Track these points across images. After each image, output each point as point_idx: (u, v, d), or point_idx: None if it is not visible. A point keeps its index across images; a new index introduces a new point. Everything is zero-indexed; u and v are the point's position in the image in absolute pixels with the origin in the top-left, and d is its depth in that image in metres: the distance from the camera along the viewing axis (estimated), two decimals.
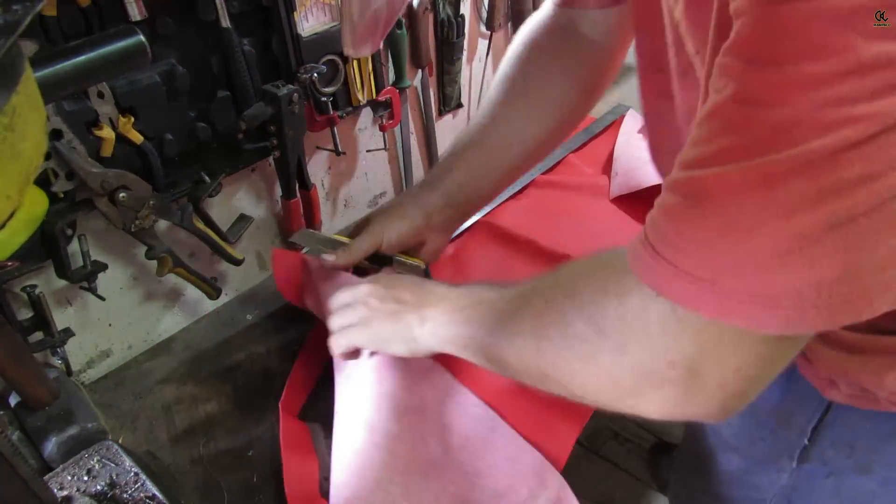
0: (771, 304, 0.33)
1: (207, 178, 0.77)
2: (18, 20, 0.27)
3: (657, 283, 0.37)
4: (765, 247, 0.32)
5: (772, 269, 0.32)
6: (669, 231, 0.36)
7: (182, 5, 0.69)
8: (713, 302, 0.34)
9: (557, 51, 0.72)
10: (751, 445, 0.69)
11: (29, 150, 0.32)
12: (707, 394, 0.39)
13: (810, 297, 0.32)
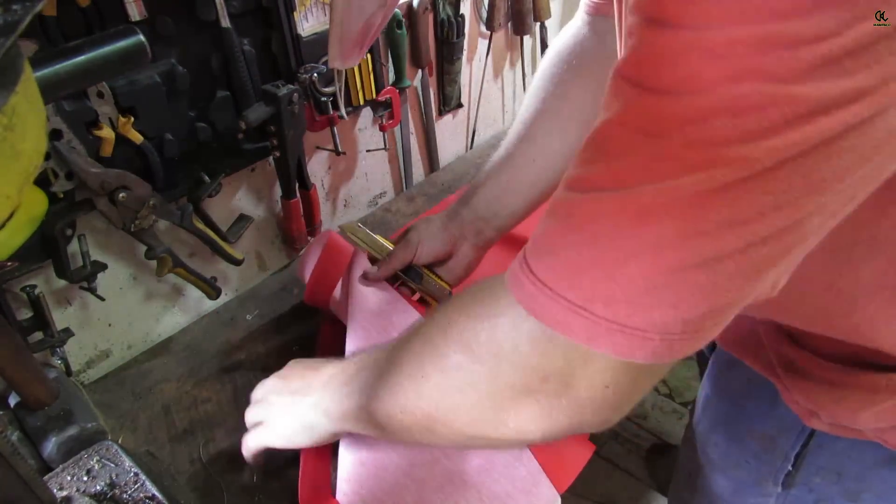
0: (639, 336, 0.32)
1: (207, 178, 0.77)
2: (18, 20, 0.27)
3: (531, 305, 0.36)
4: (635, 279, 0.31)
5: (641, 301, 0.32)
6: (546, 253, 0.35)
7: (182, 5, 0.69)
8: (583, 328, 0.33)
9: (585, 66, 0.71)
10: (737, 468, 0.68)
11: (29, 150, 0.32)
12: (581, 406, 0.39)
13: (676, 330, 0.32)
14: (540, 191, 0.74)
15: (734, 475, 0.69)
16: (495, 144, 1.27)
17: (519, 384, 0.39)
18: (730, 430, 0.67)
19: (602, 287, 0.32)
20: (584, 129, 0.35)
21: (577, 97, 0.71)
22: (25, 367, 0.62)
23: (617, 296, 0.32)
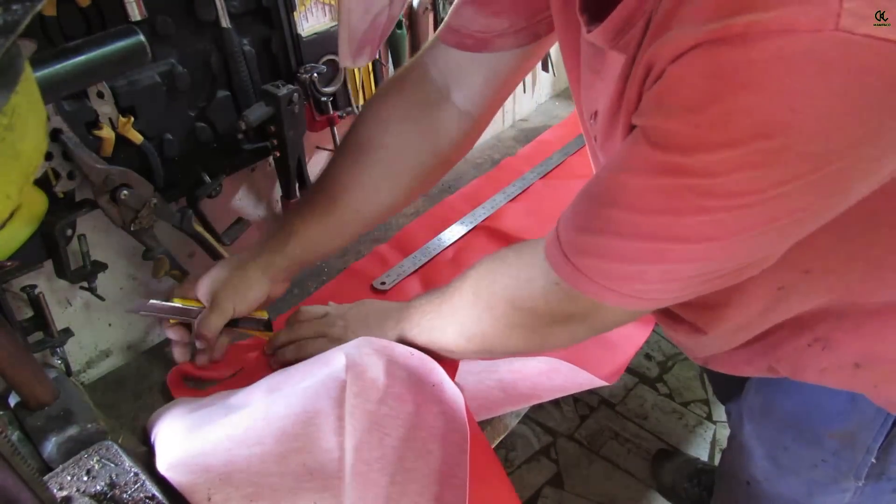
0: (645, 301, 0.49)
1: (207, 179, 0.77)
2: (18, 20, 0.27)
3: (575, 283, 0.50)
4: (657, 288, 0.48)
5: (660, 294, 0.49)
6: (582, 251, 0.49)
7: (182, 5, 0.69)
8: (614, 298, 0.49)
9: (419, 117, 0.71)
10: (812, 469, 0.69)
11: (29, 150, 0.32)
12: (593, 329, 0.57)
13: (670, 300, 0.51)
14: (356, 235, 0.76)
15: (809, 476, 0.70)
16: (495, 145, 1.28)
17: (550, 322, 0.56)
18: (803, 432, 0.68)
19: (627, 286, 0.48)
20: (414, 182, 0.65)
21: (410, 150, 0.73)
22: (25, 367, 0.62)
23: (638, 290, 0.48)
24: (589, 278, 0.49)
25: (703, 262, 0.45)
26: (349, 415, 0.61)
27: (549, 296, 0.54)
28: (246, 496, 0.58)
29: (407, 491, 0.61)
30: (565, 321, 0.55)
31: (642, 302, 0.49)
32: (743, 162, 0.37)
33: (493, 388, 0.70)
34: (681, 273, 0.46)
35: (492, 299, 0.59)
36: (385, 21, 0.59)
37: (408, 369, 0.65)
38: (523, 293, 0.56)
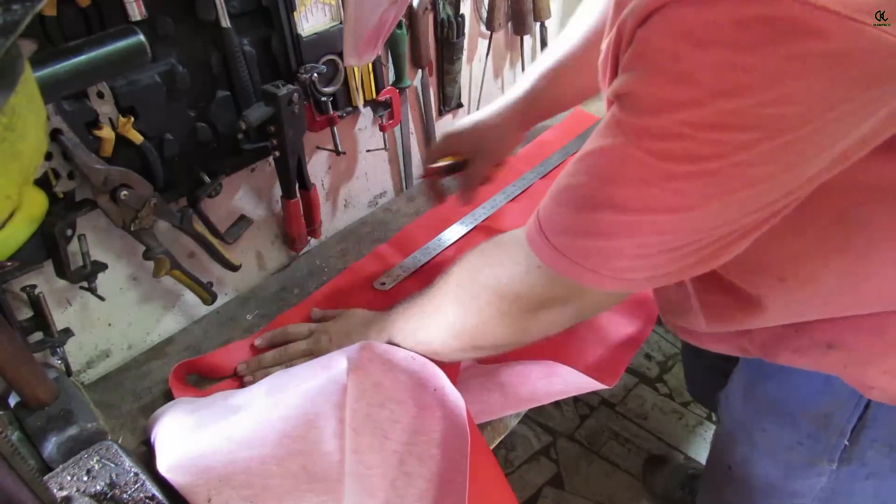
0: (628, 282, 0.49)
1: (207, 179, 0.77)
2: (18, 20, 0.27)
3: (555, 264, 0.51)
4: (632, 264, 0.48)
5: (636, 272, 0.48)
6: (560, 230, 0.50)
7: (182, 5, 0.69)
8: (592, 279, 0.50)
9: None
10: (789, 451, 0.70)
11: (29, 150, 0.32)
12: (576, 313, 0.58)
13: (655, 279, 0.49)
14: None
15: (786, 459, 0.71)
16: None
17: (534, 307, 0.57)
18: (780, 414, 0.70)
19: (604, 265, 0.48)
20: None
21: None
22: (25, 367, 0.62)
23: (616, 268, 0.48)
24: (568, 259, 0.49)
25: (670, 234, 0.45)
26: (350, 418, 0.61)
27: (531, 280, 0.54)
28: (246, 498, 0.58)
29: (407, 495, 0.61)
30: (549, 306, 0.56)
31: (620, 282, 0.49)
32: (706, 122, 0.38)
33: (495, 393, 0.70)
34: (651, 248, 0.46)
35: (476, 289, 0.59)
36: (392, 18, 0.59)
37: (409, 373, 0.65)
38: (506, 280, 0.56)
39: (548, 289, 0.54)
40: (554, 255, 0.50)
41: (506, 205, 1.08)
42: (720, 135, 0.38)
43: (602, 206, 0.46)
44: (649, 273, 0.49)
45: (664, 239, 0.45)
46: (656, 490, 1.45)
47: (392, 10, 0.59)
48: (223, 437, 0.60)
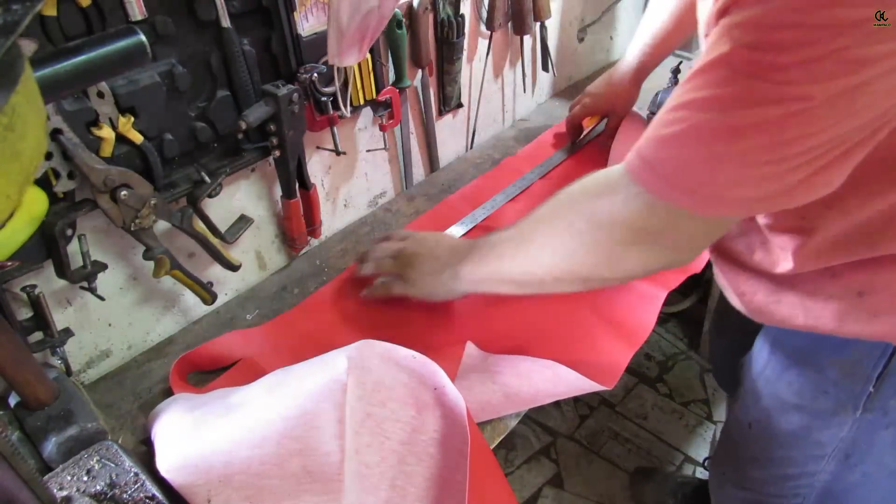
0: (727, 205, 0.50)
1: (207, 179, 0.77)
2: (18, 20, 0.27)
3: (652, 187, 0.52)
4: (728, 173, 0.48)
5: (730, 187, 0.49)
6: (662, 154, 0.51)
7: (182, 5, 0.69)
8: (694, 204, 0.51)
9: None
10: (814, 401, 0.72)
11: (29, 150, 0.32)
12: (668, 250, 0.58)
13: (753, 203, 0.50)
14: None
15: (811, 408, 0.73)
16: (495, 145, 1.28)
17: (628, 239, 0.58)
18: (807, 364, 0.72)
19: (704, 179, 0.49)
20: None
21: None
22: (25, 367, 0.62)
23: (715, 184, 0.49)
24: (666, 180, 0.51)
25: (776, 136, 0.44)
26: (350, 417, 0.61)
27: (628, 209, 0.55)
28: (246, 498, 0.58)
29: (406, 494, 0.61)
30: (641, 241, 0.57)
31: (718, 204, 0.50)
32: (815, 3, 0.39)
33: (496, 393, 0.70)
34: (756, 155, 0.45)
35: (572, 217, 0.61)
36: (375, 21, 0.60)
37: (409, 372, 0.65)
38: (603, 209, 0.58)
39: (644, 218, 0.55)
40: (652, 177, 0.52)
41: (506, 205, 1.08)
42: (831, 11, 0.39)
43: (706, 108, 0.46)
44: (751, 191, 0.48)
45: (770, 143, 0.44)
46: (647, 502, 1.45)
47: (375, 14, 0.59)
48: (223, 436, 0.60)
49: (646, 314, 0.82)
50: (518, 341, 0.80)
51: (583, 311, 0.84)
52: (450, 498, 0.61)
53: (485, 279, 0.75)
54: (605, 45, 1.60)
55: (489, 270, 0.73)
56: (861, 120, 0.43)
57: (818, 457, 0.75)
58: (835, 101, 0.42)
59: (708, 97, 0.46)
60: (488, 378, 0.71)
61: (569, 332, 0.81)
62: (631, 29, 1.66)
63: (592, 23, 1.46)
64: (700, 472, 1.52)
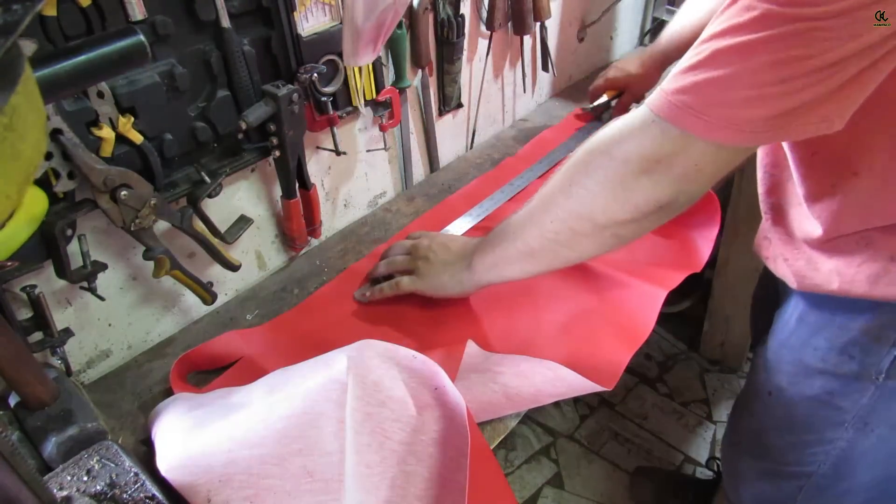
0: (735, 129, 0.52)
1: (207, 179, 0.77)
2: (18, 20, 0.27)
3: (665, 112, 0.55)
4: (738, 94, 0.50)
5: (740, 107, 0.51)
6: (679, 82, 0.53)
7: (182, 5, 0.69)
8: (701, 125, 0.53)
9: None
10: (838, 365, 0.73)
11: (29, 150, 0.32)
12: (678, 179, 0.59)
13: (760, 126, 0.52)
14: None
15: (835, 373, 0.74)
16: (495, 145, 1.28)
17: (640, 167, 0.59)
18: (835, 329, 0.73)
19: (716, 99, 0.52)
20: None
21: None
22: (25, 367, 0.62)
23: (726, 104, 0.51)
24: (680, 105, 0.53)
25: (783, 52, 0.47)
26: (350, 417, 0.61)
27: (642, 135, 0.58)
28: (246, 498, 0.58)
29: (406, 494, 0.61)
30: (652, 168, 0.59)
31: (728, 128, 0.52)
32: None
33: (497, 393, 0.70)
34: (766, 74, 0.49)
35: (587, 156, 0.64)
36: (390, 18, 0.60)
37: (410, 372, 0.65)
38: (619, 138, 0.61)
39: (658, 144, 0.57)
40: (666, 101, 0.54)
41: (505, 203, 1.08)
42: None
43: (721, 35, 0.50)
44: (756, 111, 0.50)
45: (775, 60, 0.48)
46: (647, 502, 1.44)
47: (391, 10, 0.59)
48: (223, 436, 0.60)
49: (646, 314, 0.82)
50: (519, 341, 0.80)
51: (583, 311, 0.84)
52: (450, 498, 0.61)
53: (498, 261, 0.75)
54: (605, 45, 1.60)
55: (502, 249, 0.74)
56: (861, 43, 0.46)
57: (837, 423, 0.76)
58: (835, 22, 0.45)
59: (725, 28, 0.50)
60: (489, 378, 0.71)
61: (569, 332, 0.81)
62: (631, 29, 1.66)
63: (592, 23, 1.46)
64: (700, 472, 1.52)
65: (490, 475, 0.63)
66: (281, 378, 0.67)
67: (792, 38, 0.47)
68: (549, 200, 0.68)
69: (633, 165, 0.60)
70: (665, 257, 0.92)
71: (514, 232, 0.72)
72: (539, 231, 0.69)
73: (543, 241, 0.69)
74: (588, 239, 0.67)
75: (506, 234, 0.74)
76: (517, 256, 0.73)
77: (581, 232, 0.66)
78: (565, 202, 0.66)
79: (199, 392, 0.74)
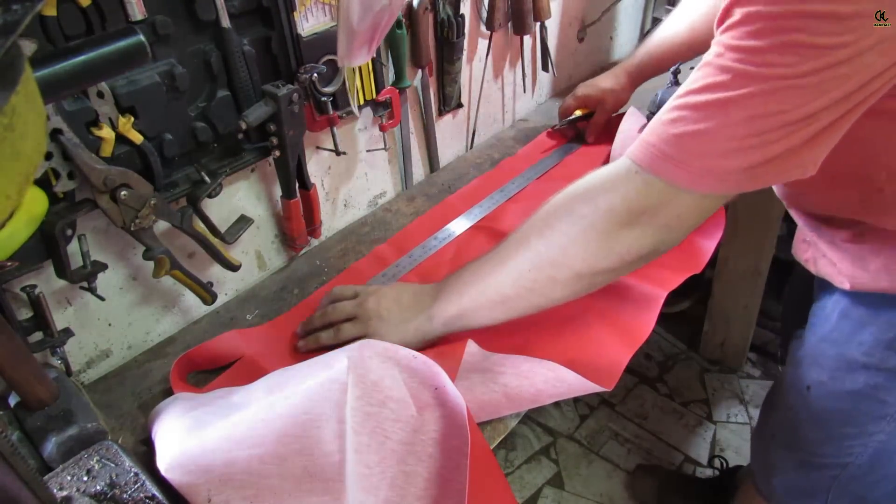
0: (720, 178, 0.55)
1: (207, 179, 0.77)
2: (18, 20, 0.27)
3: (648, 163, 0.57)
4: (717, 148, 0.53)
5: (721, 159, 0.54)
6: (659, 135, 0.56)
7: (182, 5, 0.69)
8: (684, 175, 0.56)
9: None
10: (884, 360, 0.74)
11: (29, 150, 0.32)
12: (661, 229, 0.61)
13: (742, 176, 0.54)
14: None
15: (880, 367, 0.75)
16: (495, 145, 1.28)
17: (624, 219, 0.60)
18: (882, 324, 0.74)
19: (698, 151, 0.54)
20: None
21: None
22: (25, 367, 0.62)
23: (707, 155, 0.54)
24: (663, 157, 0.55)
25: (759, 108, 0.50)
26: (350, 417, 0.61)
27: (627, 187, 0.59)
28: (246, 498, 0.58)
29: (406, 494, 0.61)
30: (637, 220, 0.60)
31: (710, 178, 0.55)
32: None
33: (497, 393, 0.70)
34: (740, 128, 0.51)
35: (572, 206, 0.64)
36: (385, 19, 0.60)
37: (410, 372, 0.65)
38: (603, 192, 0.61)
39: (643, 196, 0.59)
40: (649, 153, 0.56)
41: (504, 203, 1.08)
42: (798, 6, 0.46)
43: (699, 92, 0.53)
44: (736, 163, 0.53)
45: (752, 116, 0.51)
46: (646, 500, 1.44)
47: (385, 13, 0.59)
48: (223, 436, 0.60)
49: (646, 315, 0.82)
50: (519, 340, 0.80)
51: (583, 311, 0.84)
52: (449, 498, 0.61)
53: (465, 311, 0.71)
54: (605, 45, 1.60)
55: (470, 299, 0.71)
56: (830, 99, 0.49)
57: (879, 417, 0.77)
58: (806, 81, 0.48)
59: (703, 85, 0.53)
60: (489, 378, 0.71)
61: (569, 332, 0.81)
62: (631, 29, 1.66)
63: (592, 23, 1.46)
64: (700, 472, 1.52)
65: (490, 476, 0.63)
66: (281, 378, 0.67)
67: (767, 96, 0.50)
68: (527, 248, 0.67)
69: (618, 216, 0.60)
70: (665, 258, 0.92)
71: (485, 280, 0.70)
72: (516, 278, 0.67)
73: (520, 288, 0.68)
74: (565, 287, 0.67)
75: (472, 282, 0.71)
76: (487, 304, 0.70)
77: (560, 280, 0.66)
78: (546, 251, 0.65)
79: (199, 392, 0.74)
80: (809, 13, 0.46)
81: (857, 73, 0.48)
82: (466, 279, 0.72)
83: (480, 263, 0.71)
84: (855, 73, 0.48)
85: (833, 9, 0.45)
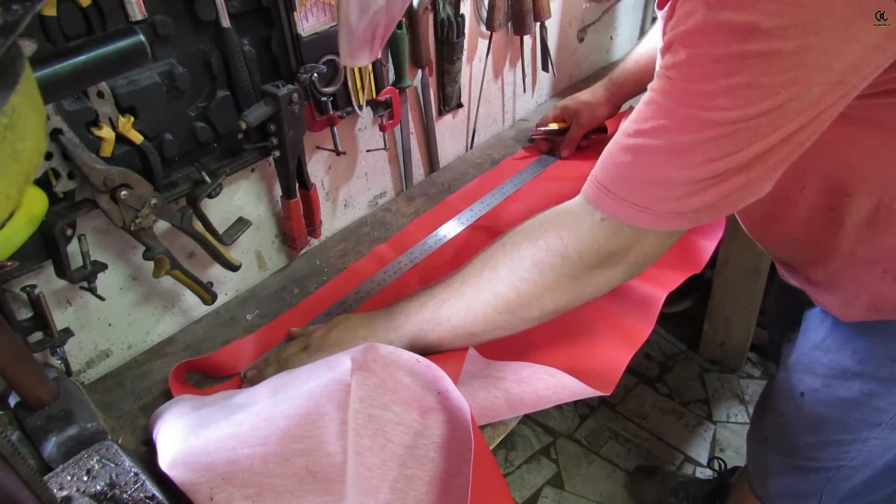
0: (679, 217, 0.56)
1: (207, 179, 0.77)
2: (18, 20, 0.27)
3: (611, 209, 0.58)
4: (675, 189, 0.54)
5: (685, 200, 0.54)
6: (616, 177, 0.57)
7: (182, 5, 0.69)
8: (647, 218, 0.57)
9: None
10: (878, 368, 0.75)
11: (29, 150, 0.32)
12: (630, 267, 0.62)
13: (704, 213, 0.55)
14: None
15: (874, 376, 0.76)
16: (495, 145, 1.28)
17: (594, 263, 0.61)
18: (878, 334, 0.74)
19: (658, 195, 0.55)
20: None
21: None
22: (25, 367, 0.62)
23: (668, 199, 0.55)
24: (627, 203, 0.56)
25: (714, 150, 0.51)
26: (353, 419, 0.61)
27: (595, 235, 0.60)
28: (248, 497, 0.58)
29: (407, 497, 0.61)
30: (606, 262, 0.61)
31: (673, 218, 0.56)
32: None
33: (498, 398, 0.70)
34: (699, 170, 0.52)
35: (538, 255, 0.63)
36: (384, 22, 0.60)
37: (413, 376, 0.65)
38: (571, 240, 0.61)
39: (611, 240, 0.59)
40: (614, 202, 0.57)
41: (502, 202, 1.08)
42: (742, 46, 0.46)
43: (653, 135, 0.53)
44: (696, 202, 0.54)
45: (707, 159, 0.51)
46: (647, 501, 1.45)
47: (382, 15, 0.59)
48: (226, 434, 0.60)
49: (646, 315, 0.82)
50: (518, 342, 0.80)
51: (583, 313, 0.84)
52: (450, 501, 0.60)
53: (440, 343, 0.71)
54: (605, 46, 1.60)
55: (438, 339, 0.70)
56: (778, 136, 0.50)
57: (874, 424, 0.77)
58: (756, 122, 0.48)
59: (655, 126, 0.53)
60: (490, 384, 0.71)
61: (568, 333, 0.81)
62: (631, 29, 1.66)
63: (592, 23, 1.46)
64: (700, 472, 1.52)
65: (491, 481, 0.63)
66: (284, 379, 0.67)
67: (721, 140, 0.50)
68: (495, 294, 0.66)
69: (588, 261, 0.61)
70: (666, 258, 0.92)
71: (450, 319, 0.69)
72: (483, 321, 0.67)
73: (487, 328, 0.68)
74: (537, 321, 0.68)
75: (437, 326, 0.70)
76: (452, 339, 0.70)
77: (528, 318, 0.67)
78: (517, 298, 0.65)
79: (199, 394, 0.74)
80: (753, 53, 0.46)
81: (810, 106, 0.48)
82: (431, 315, 0.70)
83: (449, 294, 0.69)
84: (808, 106, 0.48)
85: (775, 46, 0.45)
